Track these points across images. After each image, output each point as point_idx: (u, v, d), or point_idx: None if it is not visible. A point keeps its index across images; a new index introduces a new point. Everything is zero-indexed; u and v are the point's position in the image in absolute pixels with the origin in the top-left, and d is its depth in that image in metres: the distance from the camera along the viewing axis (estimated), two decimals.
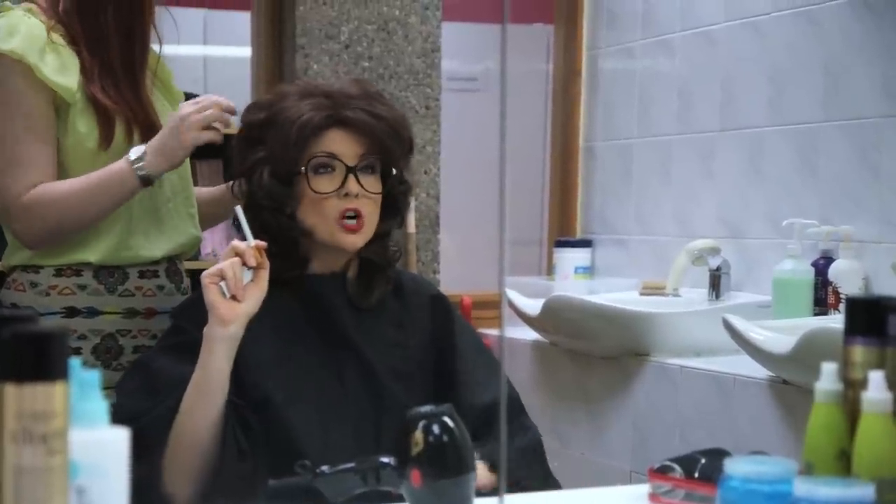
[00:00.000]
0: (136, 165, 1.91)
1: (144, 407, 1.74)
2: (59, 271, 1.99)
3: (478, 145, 4.09)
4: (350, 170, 1.84)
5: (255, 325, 1.75)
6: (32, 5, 2.00)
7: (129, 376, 1.82)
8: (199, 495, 1.71)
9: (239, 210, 1.80)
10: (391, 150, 1.88)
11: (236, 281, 1.70)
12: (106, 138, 1.96)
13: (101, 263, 2.00)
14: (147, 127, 1.99)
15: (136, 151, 1.92)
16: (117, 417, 1.72)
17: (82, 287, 2.00)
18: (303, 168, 1.83)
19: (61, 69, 1.94)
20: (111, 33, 1.98)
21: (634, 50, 3.34)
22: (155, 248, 2.05)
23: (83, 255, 1.99)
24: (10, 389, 0.90)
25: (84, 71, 1.96)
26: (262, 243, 1.75)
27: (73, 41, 1.97)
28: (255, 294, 1.72)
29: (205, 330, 1.72)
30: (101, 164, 1.95)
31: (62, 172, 1.97)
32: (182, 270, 2.14)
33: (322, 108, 1.84)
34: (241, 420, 1.76)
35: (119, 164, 1.93)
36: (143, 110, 1.99)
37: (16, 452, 0.90)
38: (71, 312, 1.99)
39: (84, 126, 1.96)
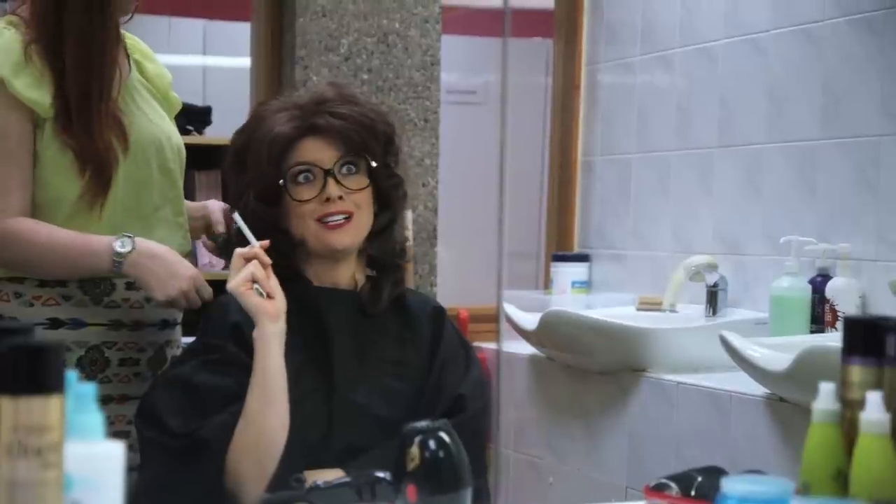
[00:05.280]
0: (115, 259, 1.88)
1: (198, 422, 1.76)
2: (43, 282, 1.95)
3: (476, 158, 4.10)
4: (328, 173, 1.86)
5: None
6: (15, 17, 1.97)
7: (169, 394, 1.80)
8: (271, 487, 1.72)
9: (237, 216, 1.82)
10: (367, 147, 1.90)
11: (267, 280, 1.76)
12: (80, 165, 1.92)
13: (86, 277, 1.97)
14: (96, 165, 1.93)
15: (122, 245, 1.88)
16: (167, 434, 1.73)
17: (67, 298, 1.96)
18: (281, 181, 1.85)
19: (36, 84, 1.90)
20: (73, 63, 1.92)
21: (633, 65, 3.34)
22: None
23: None
24: (6, 402, 0.90)
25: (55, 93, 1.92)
26: (266, 242, 1.79)
27: (51, 58, 1.92)
28: (279, 289, 1.77)
29: (255, 334, 1.76)
30: (80, 178, 1.93)
31: (42, 186, 1.93)
32: None
33: (292, 120, 1.88)
34: None
35: (101, 246, 1.89)
36: (93, 148, 1.92)
37: (10, 466, 0.90)
38: (55, 324, 1.95)
39: (57, 144, 1.92)
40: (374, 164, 1.90)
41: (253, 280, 1.75)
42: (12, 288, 1.95)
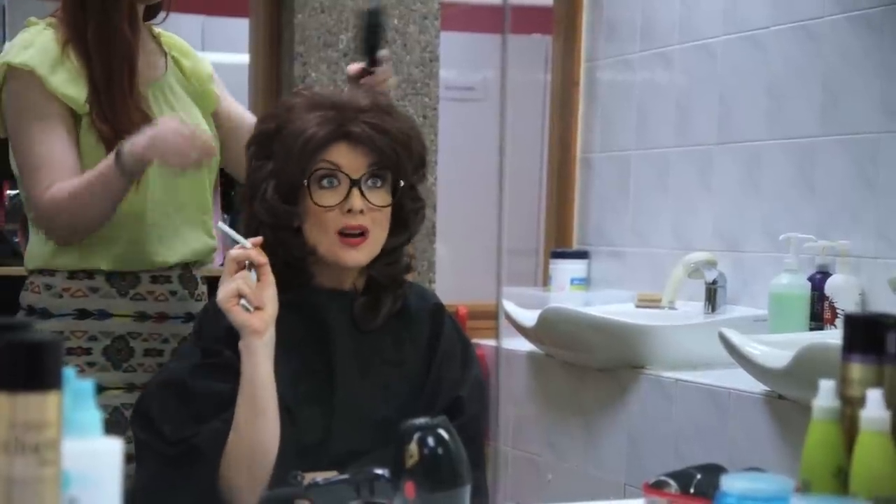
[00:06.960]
0: (124, 161, 1.88)
1: (192, 428, 1.75)
2: (73, 274, 2.04)
3: (475, 155, 4.08)
4: (354, 183, 1.81)
5: None
6: (53, 19, 2.05)
7: (163, 398, 1.79)
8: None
9: (222, 225, 1.82)
10: (399, 164, 1.84)
11: (254, 293, 1.73)
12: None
13: (113, 269, 2.05)
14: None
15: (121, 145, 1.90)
16: (161, 439, 1.73)
17: (94, 290, 2.05)
18: (305, 181, 1.81)
19: (72, 81, 1.99)
20: (95, 51, 2.00)
21: (633, 62, 3.34)
22: (168, 254, 2.08)
23: (95, 262, 2.03)
24: (3, 399, 0.90)
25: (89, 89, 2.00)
26: (259, 239, 1.77)
27: (83, 54, 2.00)
28: (270, 295, 1.75)
29: (241, 346, 1.74)
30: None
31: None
32: (197, 277, 2.16)
33: (328, 122, 1.82)
34: None
35: (106, 161, 1.92)
36: (122, 136, 1.97)
37: (8, 462, 0.90)
38: (82, 314, 2.04)
39: (93, 138, 2.00)
40: (402, 182, 1.85)
41: (239, 295, 1.73)
42: (43, 280, 2.05)
